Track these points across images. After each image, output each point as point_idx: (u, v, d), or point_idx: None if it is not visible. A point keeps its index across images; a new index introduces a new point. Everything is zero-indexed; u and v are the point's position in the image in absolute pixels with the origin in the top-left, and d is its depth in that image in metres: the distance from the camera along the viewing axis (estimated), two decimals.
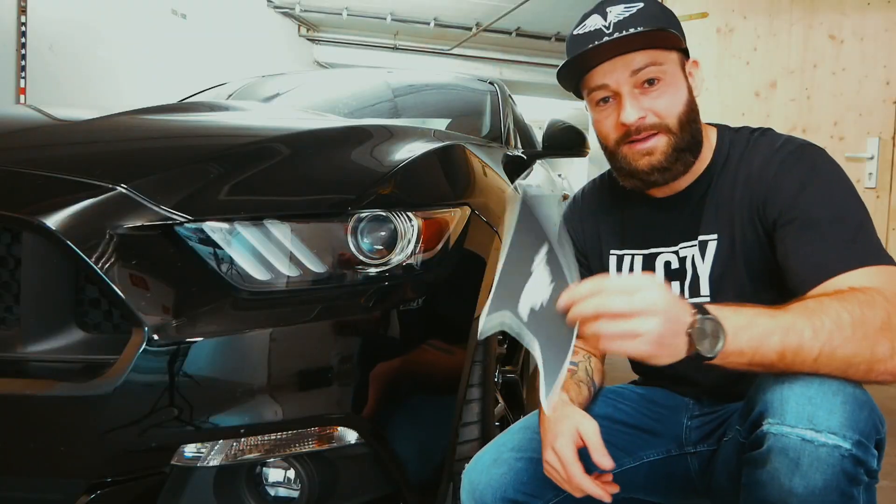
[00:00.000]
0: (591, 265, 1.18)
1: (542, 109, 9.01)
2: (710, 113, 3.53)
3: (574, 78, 1.06)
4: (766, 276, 1.00)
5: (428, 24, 7.36)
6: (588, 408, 1.10)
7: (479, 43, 7.78)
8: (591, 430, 0.89)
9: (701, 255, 1.05)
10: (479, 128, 2.36)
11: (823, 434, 0.78)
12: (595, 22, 1.02)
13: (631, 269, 1.12)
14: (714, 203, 1.05)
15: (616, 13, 1.00)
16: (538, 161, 2.50)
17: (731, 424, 1.03)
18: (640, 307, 0.74)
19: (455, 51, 7.95)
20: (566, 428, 0.91)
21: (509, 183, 1.73)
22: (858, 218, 0.92)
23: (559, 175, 3.97)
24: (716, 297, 1.02)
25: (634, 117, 1.00)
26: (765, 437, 0.83)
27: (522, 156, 2.21)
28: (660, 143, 1.01)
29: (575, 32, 1.05)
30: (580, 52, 1.00)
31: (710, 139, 1.09)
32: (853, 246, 0.89)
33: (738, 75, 3.51)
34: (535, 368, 1.12)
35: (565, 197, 3.75)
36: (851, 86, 3.22)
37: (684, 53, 1.06)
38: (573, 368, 1.09)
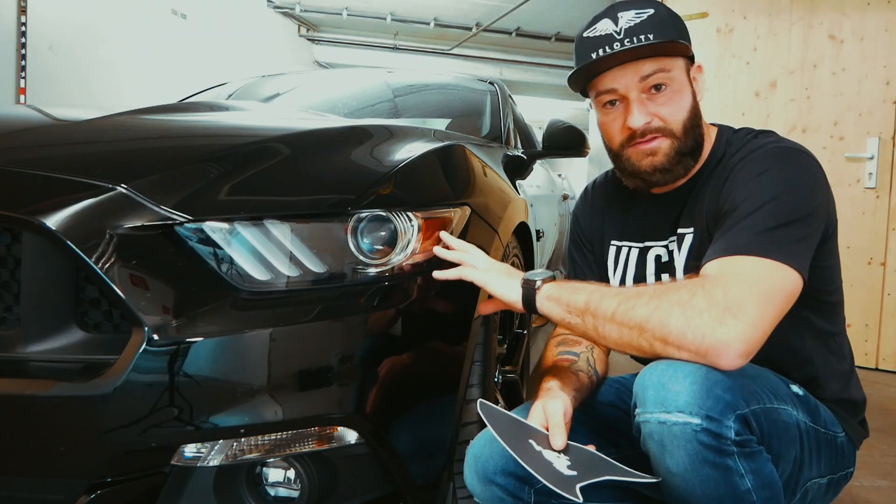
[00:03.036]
0: (595, 252, 1.26)
1: (542, 109, 9.02)
2: (710, 113, 3.53)
3: (583, 80, 1.09)
4: None
5: (428, 24, 7.36)
6: (593, 395, 1.15)
7: (479, 43, 7.78)
8: (553, 409, 0.97)
9: (678, 248, 1.10)
10: (479, 128, 2.36)
11: (674, 413, 0.84)
12: (606, 26, 1.03)
13: (627, 260, 1.19)
14: (696, 199, 1.09)
15: (627, 19, 1.02)
16: (538, 161, 2.50)
17: None
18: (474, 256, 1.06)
19: (455, 51, 7.95)
20: (535, 407, 1.01)
21: (509, 183, 1.73)
22: (790, 213, 0.93)
23: (559, 175, 3.97)
24: None
25: (641, 122, 1.03)
26: (639, 427, 0.90)
27: (522, 156, 2.21)
28: (662, 145, 1.05)
29: (585, 35, 1.06)
30: (592, 59, 1.03)
31: (710, 140, 1.11)
32: (756, 236, 0.92)
33: (738, 75, 3.51)
34: (535, 368, 1.14)
35: (566, 197, 3.75)
36: (851, 86, 3.22)
37: (690, 59, 1.09)
38: (572, 359, 1.14)
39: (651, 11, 1.03)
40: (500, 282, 1.05)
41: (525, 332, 1.88)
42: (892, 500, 1.70)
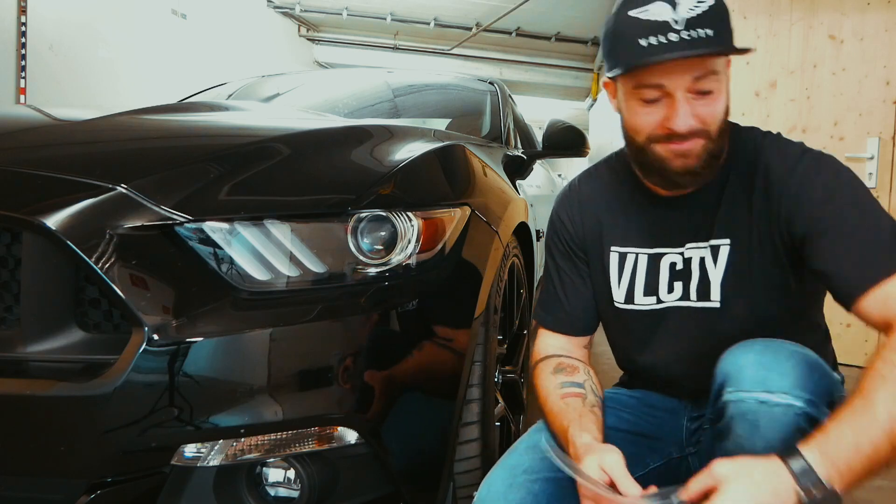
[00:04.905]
0: (591, 261, 1.14)
1: (542, 109, 9.03)
2: None
3: (621, 65, 0.94)
4: (778, 291, 1.01)
5: (428, 24, 7.36)
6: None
7: (479, 43, 7.78)
8: (612, 463, 0.87)
9: (713, 259, 1.03)
10: (479, 128, 2.36)
11: (777, 395, 0.83)
12: (661, 10, 0.90)
13: (634, 268, 1.09)
14: (728, 207, 1.02)
15: (686, 6, 0.90)
16: (538, 161, 2.50)
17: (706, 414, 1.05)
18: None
19: (455, 51, 7.95)
20: (590, 465, 0.88)
21: (509, 183, 1.73)
22: (889, 222, 0.92)
23: (559, 175, 3.97)
24: (727, 304, 1.02)
25: (686, 126, 0.94)
26: (725, 407, 0.87)
27: (522, 156, 2.21)
28: (696, 146, 0.96)
29: (633, 14, 0.92)
30: (642, 47, 0.90)
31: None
32: (892, 252, 0.89)
33: (738, 75, 3.50)
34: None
35: None
36: (851, 86, 3.21)
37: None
38: (581, 392, 1.04)
39: (712, 1, 0.91)
40: None
41: (525, 332, 1.88)
42: (892, 499, 1.70)
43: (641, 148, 0.99)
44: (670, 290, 1.07)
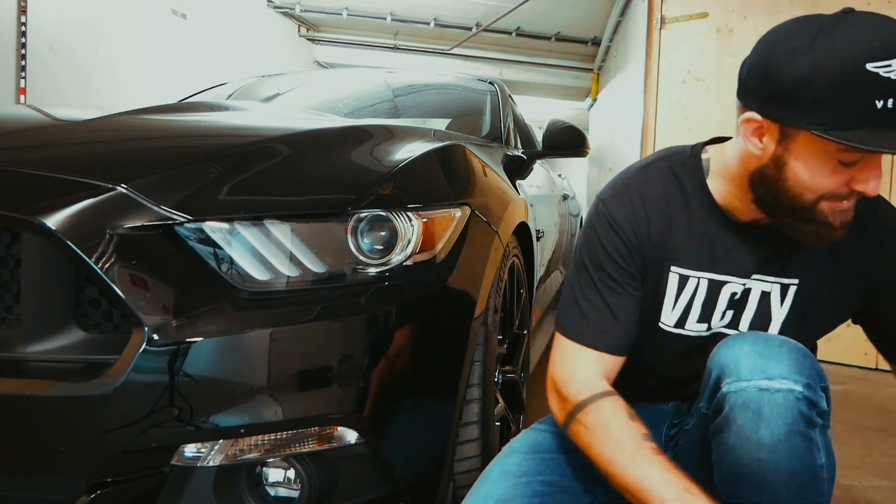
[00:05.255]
0: (648, 271, 1.03)
1: (542, 109, 9.03)
2: (711, 114, 3.54)
3: (846, 125, 0.79)
4: (821, 333, 1.06)
5: (428, 24, 7.36)
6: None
7: (479, 43, 7.77)
8: None
9: (780, 297, 1.01)
10: (479, 128, 2.36)
11: (777, 380, 0.84)
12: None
13: (694, 293, 1.01)
14: (801, 246, 0.97)
15: None
16: (538, 161, 2.50)
17: (691, 414, 1.05)
18: None
19: (455, 51, 7.94)
20: None
21: (509, 183, 1.73)
22: None
23: (559, 175, 3.97)
24: None
25: (878, 190, 0.88)
26: (725, 398, 0.88)
27: (522, 156, 2.21)
28: (849, 206, 0.91)
29: (874, 69, 0.76)
30: (882, 110, 0.77)
31: None
32: None
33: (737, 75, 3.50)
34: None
35: (565, 197, 3.74)
36: None
37: None
38: (658, 447, 0.91)
39: None
40: None
41: (525, 332, 1.88)
42: (892, 499, 1.70)
43: (812, 205, 0.88)
44: (722, 317, 1.04)
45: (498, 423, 1.46)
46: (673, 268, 1.02)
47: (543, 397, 1.08)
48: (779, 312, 1.02)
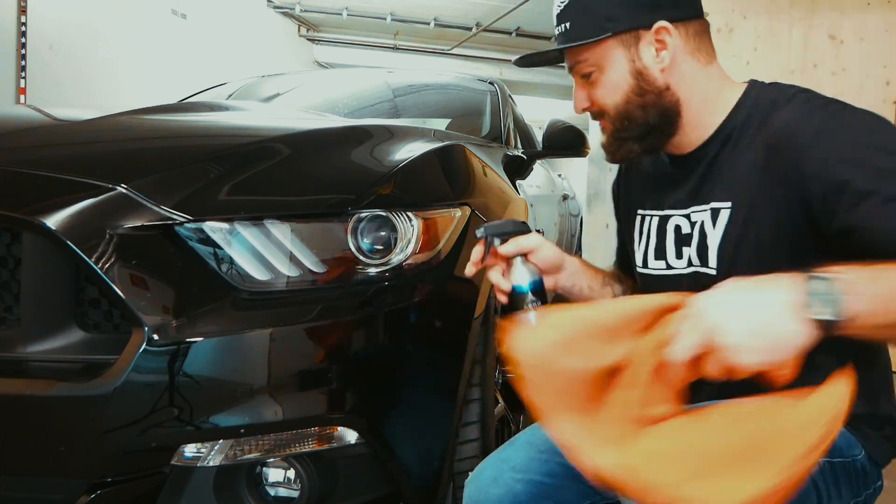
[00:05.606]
0: (626, 221, 1.16)
1: (542, 109, 9.02)
2: None
3: None
4: (780, 251, 0.93)
5: (428, 24, 7.36)
6: None
7: (479, 43, 7.78)
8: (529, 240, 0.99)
9: (712, 223, 0.99)
10: (479, 128, 2.36)
11: None
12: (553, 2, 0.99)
13: (649, 230, 1.08)
14: (730, 167, 0.97)
15: (558, 2, 0.98)
16: (538, 161, 2.50)
17: None
18: (703, 310, 0.69)
19: (455, 51, 7.95)
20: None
21: (509, 183, 1.73)
22: None
23: (559, 175, 3.97)
24: (725, 269, 0.96)
25: (579, 108, 1.02)
26: None
27: (522, 156, 2.21)
28: (605, 126, 1.01)
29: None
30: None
31: (729, 99, 1.00)
32: None
33: (738, 75, 3.49)
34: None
35: (565, 197, 3.75)
36: (851, 86, 3.22)
37: (639, 27, 0.95)
38: (613, 273, 1.16)
39: None
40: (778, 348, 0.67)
41: None
42: (892, 499, 1.69)
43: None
44: (678, 255, 1.04)
45: (498, 423, 1.46)
46: (638, 210, 1.12)
47: None
48: (713, 239, 0.98)
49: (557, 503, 1.02)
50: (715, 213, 0.99)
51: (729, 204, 0.97)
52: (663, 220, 1.06)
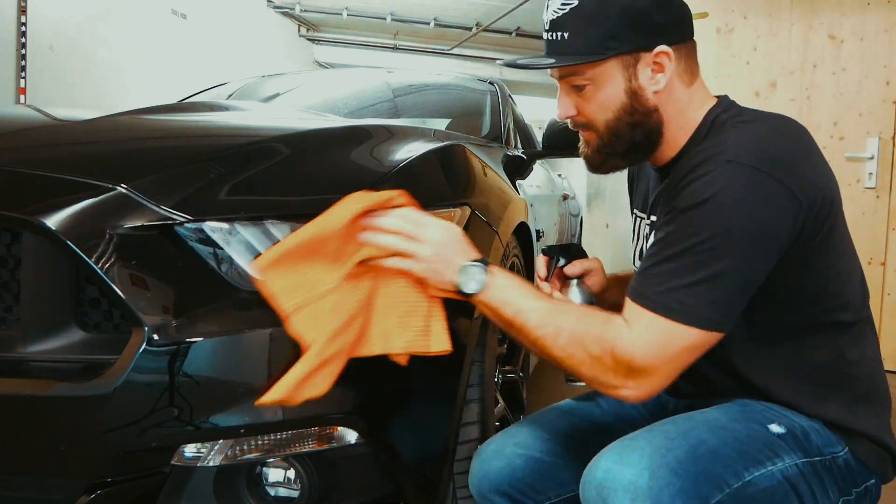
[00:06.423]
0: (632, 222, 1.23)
1: (542, 109, 9.02)
2: None
3: None
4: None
5: (428, 24, 7.36)
6: (597, 401, 1.14)
7: (479, 43, 7.78)
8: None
9: (649, 232, 1.07)
10: (479, 128, 2.36)
11: None
12: (546, 6, 0.96)
13: (638, 231, 1.15)
14: (665, 188, 0.99)
15: (554, 6, 0.94)
16: (538, 161, 2.49)
17: None
18: (423, 236, 0.94)
19: (455, 51, 7.95)
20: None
21: (509, 183, 1.73)
22: (712, 268, 0.84)
23: (559, 175, 3.96)
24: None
25: (564, 115, 1.02)
26: None
27: (522, 156, 2.21)
28: (590, 139, 1.03)
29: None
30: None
31: (694, 119, 0.99)
32: (667, 293, 0.86)
33: (738, 75, 3.51)
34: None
35: (565, 197, 3.74)
36: (851, 86, 3.22)
37: (641, 49, 0.94)
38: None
39: (575, 3, 0.92)
40: (431, 280, 0.96)
41: None
42: (892, 500, 1.69)
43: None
44: (641, 258, 1.11)
45: (498, 423, 1.46)
46: (634, 211, 1.20)
47: (543, 397, 1.12)
48: (646, 246, 1.06)
49: (554, 481, 1.05)
50: (653, 225, 1.04)
51: (655, 218, 1.03)
52: (638, 221, 1.15)
